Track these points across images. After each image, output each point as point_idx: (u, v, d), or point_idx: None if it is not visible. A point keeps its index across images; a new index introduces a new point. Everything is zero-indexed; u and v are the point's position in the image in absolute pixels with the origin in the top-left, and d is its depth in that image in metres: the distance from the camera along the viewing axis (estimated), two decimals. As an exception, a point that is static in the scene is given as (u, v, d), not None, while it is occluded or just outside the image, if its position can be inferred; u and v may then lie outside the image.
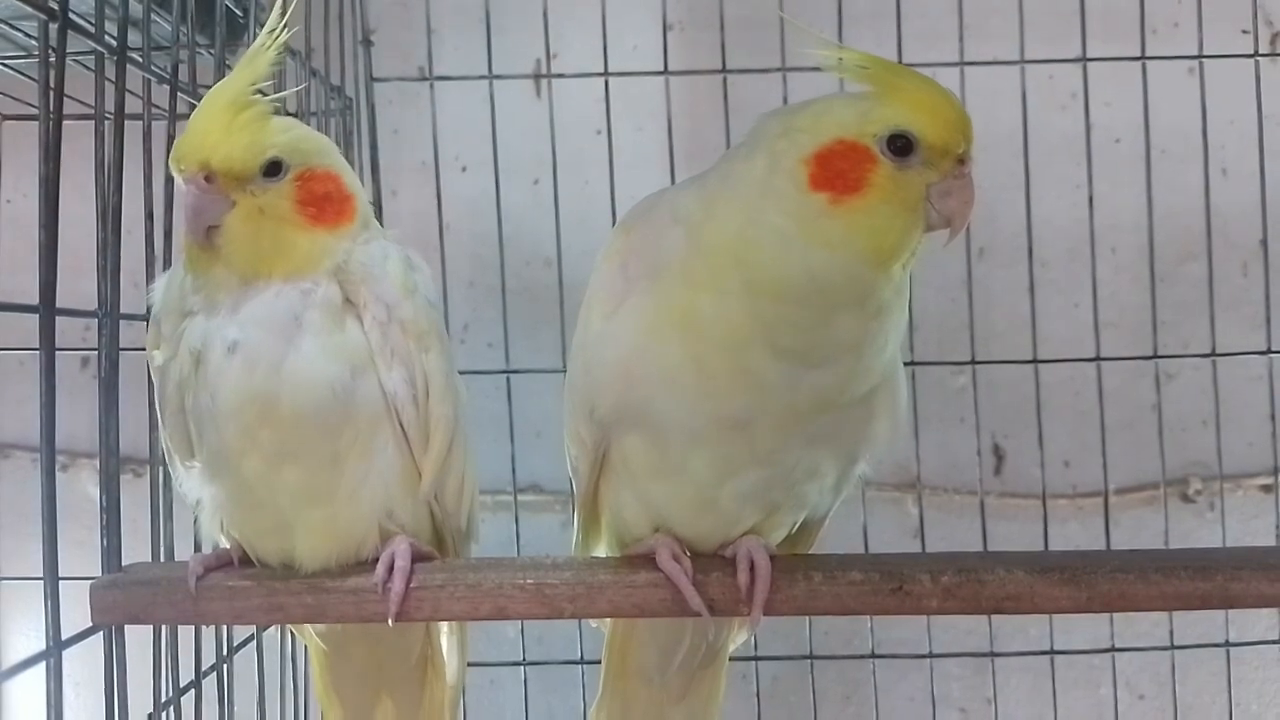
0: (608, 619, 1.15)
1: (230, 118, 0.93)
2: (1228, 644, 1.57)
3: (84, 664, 1.06)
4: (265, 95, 0.97)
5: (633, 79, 1.53)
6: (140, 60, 1.09)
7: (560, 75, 1.60)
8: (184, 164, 0.93)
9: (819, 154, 0.87)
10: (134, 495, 1.09)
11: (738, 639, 1.16)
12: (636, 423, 0.95)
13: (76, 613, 0.99)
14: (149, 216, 1.09)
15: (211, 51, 1.22)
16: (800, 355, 0.89)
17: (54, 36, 0.95)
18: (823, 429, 0.93)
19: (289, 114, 1.16)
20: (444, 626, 1.16)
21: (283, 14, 0.97)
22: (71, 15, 0.96)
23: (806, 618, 1.54)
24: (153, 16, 1.12)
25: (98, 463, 1.04)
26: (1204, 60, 1.52)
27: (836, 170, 0.86)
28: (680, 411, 0.92)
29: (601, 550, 1.10)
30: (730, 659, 1.18)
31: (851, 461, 1.00)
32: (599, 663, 1.51)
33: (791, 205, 0.87)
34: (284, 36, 0.96)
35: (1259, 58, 1.52)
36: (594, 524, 1.08)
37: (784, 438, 0.93)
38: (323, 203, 0.96)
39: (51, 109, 0.94)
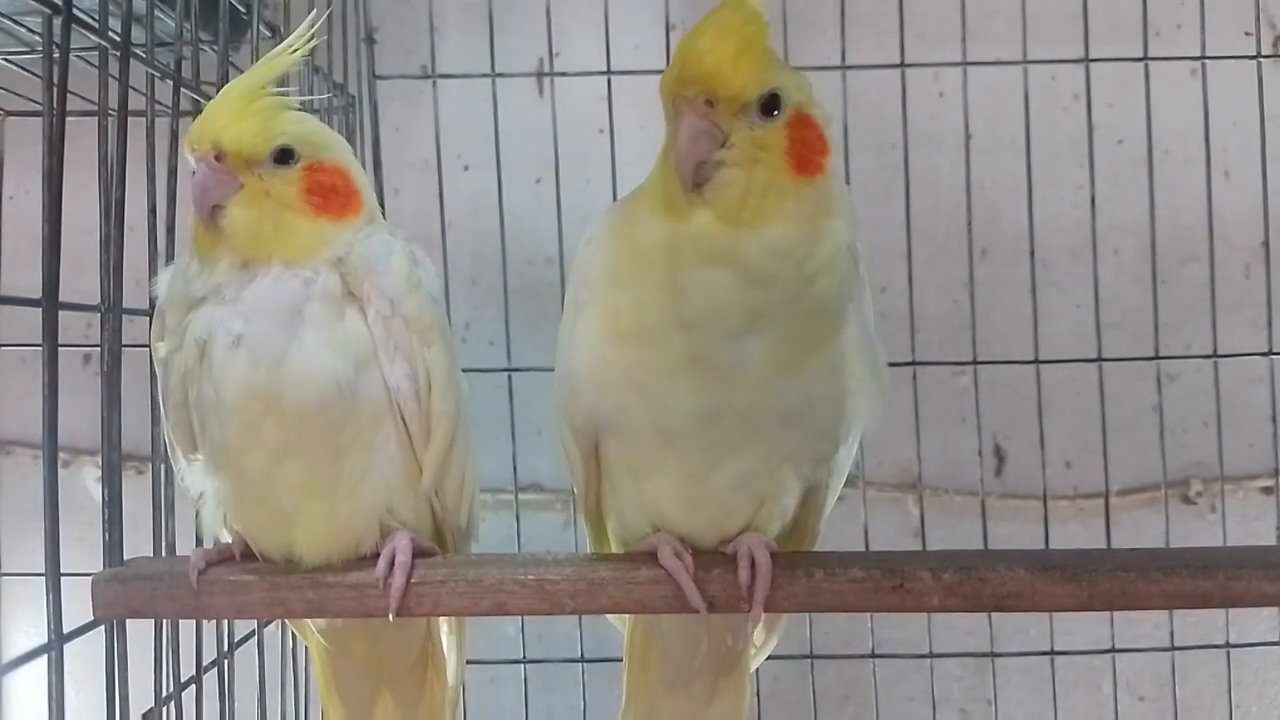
0: (626, 626, 1.16)
1: (245, 104, 0.95)
2: (1228, 645, 1.57)
3: (84, 661, 1.06)
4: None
5: (635, 78, 1.53)
6: (144, 56, 1.09)
7: (563, 74, 1.61)
8: (196, 144, 0.95)
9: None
10: (135, 492, 1.09)
11: (765, 644, 1.17)
12: (611, 427, 0.97)
13: (78, 609, 1.00)
14: (151, 211, 1.10)
15: (215, 48, 1.22)
16: (718, 326, 0.90)
17: (58, 32, 0.95)
18: (792, 405, 0.93)
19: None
20: (444, 624, 1.17)
21: (310, 26, 0.99)
22: (75, 11, 0.96)
23: (807, 617, 1.54)
24: (156, 12, 1.13)
25: (99, 459, 1.04)
26: (1206, 62, 1.52)
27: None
28: (648, 411, 0.94)
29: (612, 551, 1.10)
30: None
31: (834, 444, 0.99)
32: (599, 661, 1.52)
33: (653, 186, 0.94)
34: (311, 44, 0.99)
35: (1261, 59, 1.52)
36: (601, 526, 1.09)
37: (754, 420, 0.93)
38: (329, 194, 0.97)
39: (55, 104, 0.95)
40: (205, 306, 0.95)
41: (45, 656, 0.94)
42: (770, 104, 0.89)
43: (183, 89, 1.16)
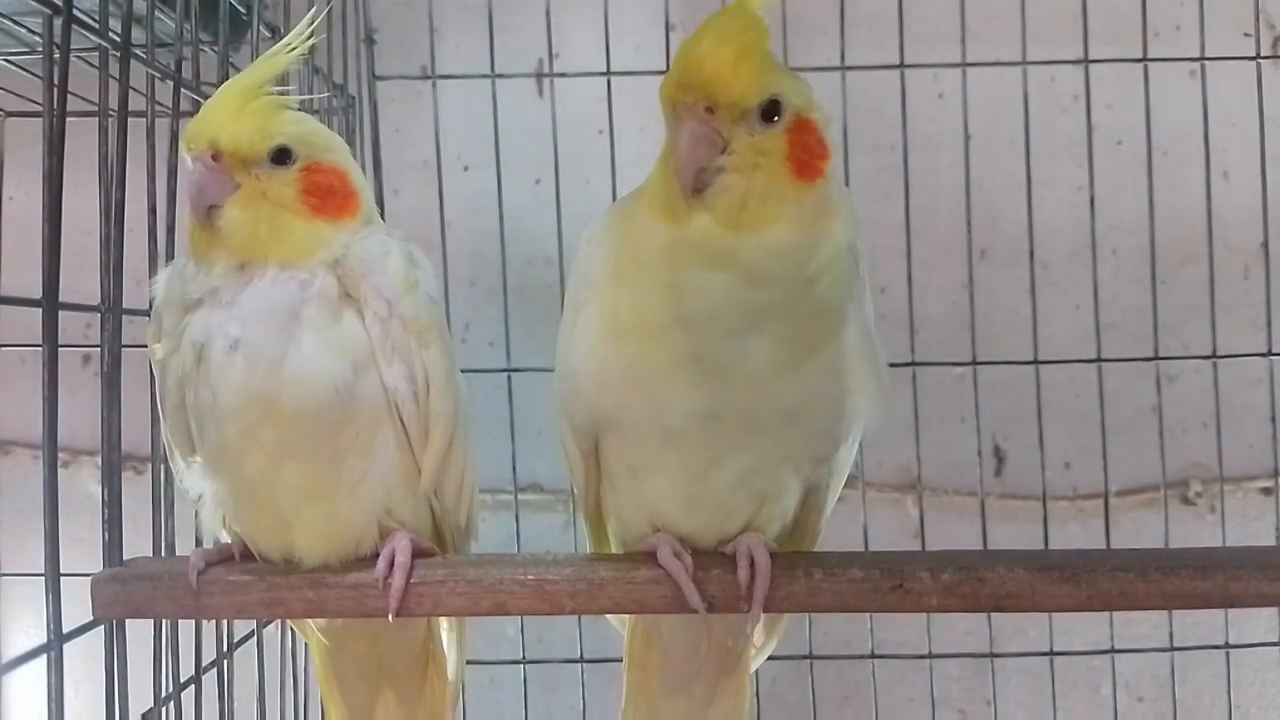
0: (626, 626, 1.16)
1: (243, 103, 0.95)
2: (1227, 646, 1.57)
3: (83, 661, 1.06)
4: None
5: (635, 78, 1.54)
6: (144, 56, 1.09)
7: (562, 74, 1.61)
8: (193, 143, 0.94)
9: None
10: (135, 493, 1.09)
11: (765, 645, 1.17)
12: (611, 426, 0.97)
13: (77, 610, 1.00)
14: (151, 211, 1.10)
15: (215, 48, 1.22)
16: (718, 325, 0.90)
17: (58, 32, 0.95)
18: (792, 405, 0.93)
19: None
20: (444, 622, 1.17)
21: (309, 25, 0.99)
22: (76, 11, 0.96)
23: (806, 617, 1.54)
24: (156, 13, 1.13)
25: (99, 460, 1.04)
26: (1206, 63, 1.52)
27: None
28: (648, 409, 0.94)
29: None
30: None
31: (834, 444, 1.00)
32: (599, 662, 1.52)
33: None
34: (309, 43, 0.99)
35: (1260, 60, 1.52)
36: (601, 526, 1.09)
37: (754, 419, 0.93)
38: (326, 195, 0.97)
39: (55, 104, 0.95)
40: (202, 309, 0.95)
41: (45, 656, 0.94)
42: (770, 110, 0.90)
43: (183, 89, 1.16)
